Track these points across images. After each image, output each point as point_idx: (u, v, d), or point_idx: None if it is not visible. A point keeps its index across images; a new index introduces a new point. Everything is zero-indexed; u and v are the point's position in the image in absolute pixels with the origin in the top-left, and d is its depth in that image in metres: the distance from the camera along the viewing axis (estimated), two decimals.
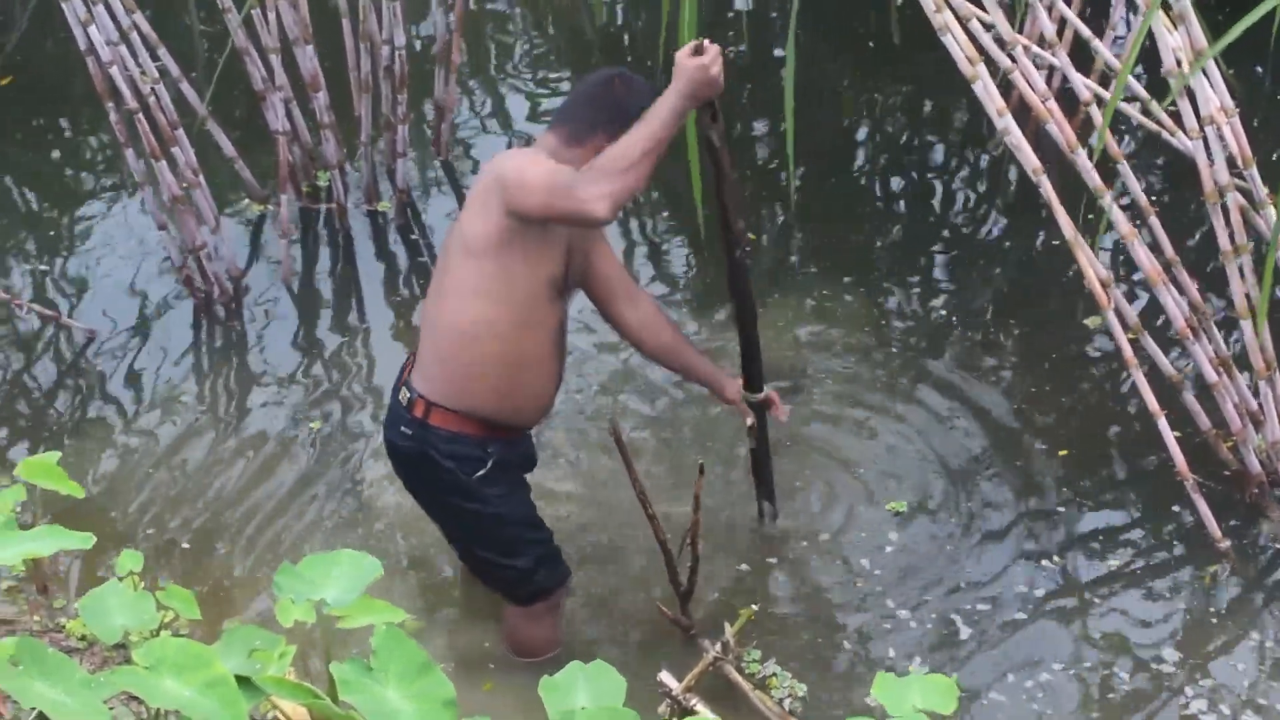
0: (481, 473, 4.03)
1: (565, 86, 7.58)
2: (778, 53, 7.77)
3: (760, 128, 7.13)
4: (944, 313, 5.83)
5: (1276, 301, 4.58)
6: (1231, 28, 3.52)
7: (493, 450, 4.04)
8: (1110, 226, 4.41)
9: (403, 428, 4.04)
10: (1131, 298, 5.40)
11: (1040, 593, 4.65)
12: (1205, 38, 4.16)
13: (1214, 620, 4.55)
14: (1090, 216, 5.04)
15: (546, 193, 3.73)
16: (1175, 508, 4.84)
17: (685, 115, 3.88)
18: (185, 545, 4.89)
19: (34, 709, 2.81)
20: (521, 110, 7.30)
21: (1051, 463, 5.11)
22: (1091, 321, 5.60)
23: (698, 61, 3.77)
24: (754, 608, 4.03)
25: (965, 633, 4.54)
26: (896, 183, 6.83)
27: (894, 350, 5.64)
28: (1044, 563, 4.75)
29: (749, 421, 4.51)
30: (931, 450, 5.17)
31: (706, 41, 3.81)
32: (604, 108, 3.94)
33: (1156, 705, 4.32)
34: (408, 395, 4.03)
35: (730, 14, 7.95)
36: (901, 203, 6.68)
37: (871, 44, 7.73)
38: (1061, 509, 4.93)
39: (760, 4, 7.99)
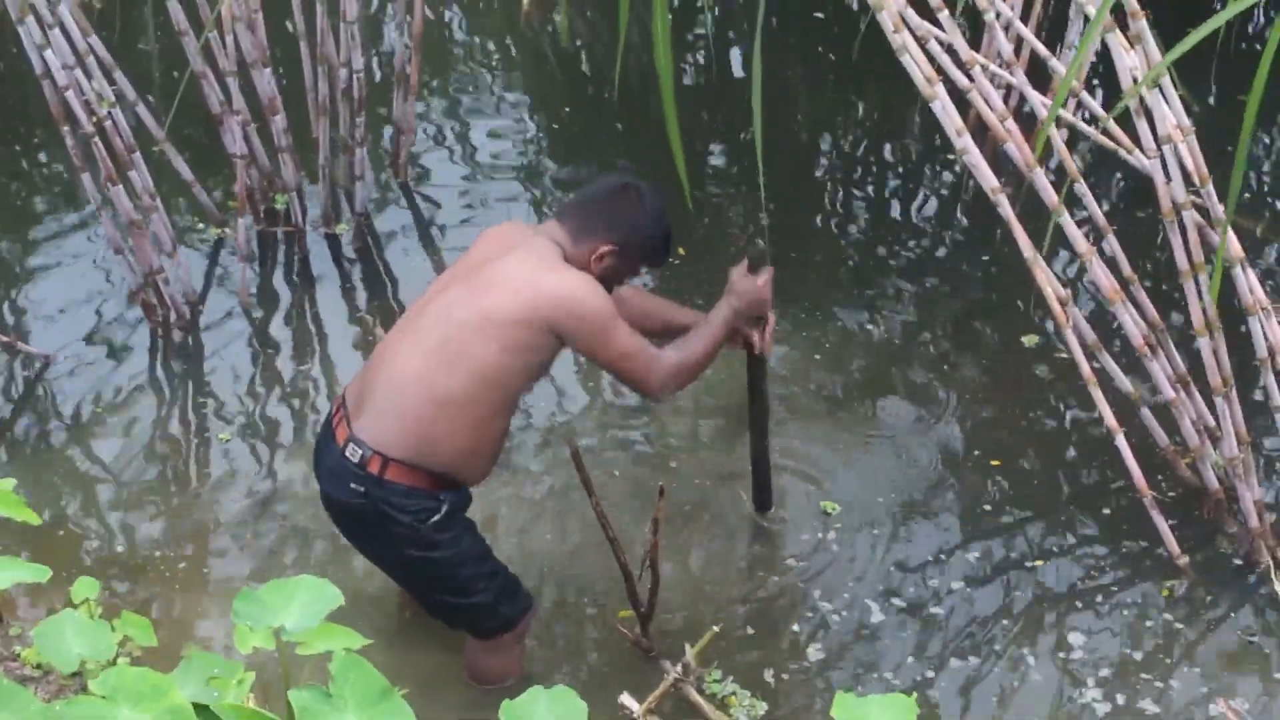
0: (436, 518, 3.98)
1: (524, 105, 7.59)
2: (738, 73, 7.80)
3: (718, 149, 7.14)
4: (903, 330, 5.86)
5: (1232, 318, 4.61)
6: (1181, 44, 3.54)
7: (444, 498, 4.00)
8: (1062, 240, 4.43)
9: (352, 484, 3.94)
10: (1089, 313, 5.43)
11: (1005, 611, 4.67)
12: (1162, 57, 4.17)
13: (1173, 635, 4.58)
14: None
15: (622, 357, 3.99)
16: (1134, 524, 4.86)
17: (736, 324, 4.29)
18: (143, 572, 4.85)
19: None
20: (480, 132, 7.29)
21: (1010, 480, 5.13)
22: (1028, 340, 5.64)
23: (751, 281, 4.25)
24: (716, 628, 4.02)
25: (927, 650, 4.55)
26: (857, 202, 6.86)
27: (853, 368, 5.65)
28: (1004, 580, 4.77)
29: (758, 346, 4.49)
30: (893, 469, 5.18)
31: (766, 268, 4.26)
32: (613, 216, 4.05)
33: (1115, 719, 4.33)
34: (359, 452, 3.93)
35: (691, 36, 7.97)
36: (861, 221, 6.70)
37: (832, 64, 7.77)
38: (1021, 526, 4.96)
39: (723, 25, 8.01)
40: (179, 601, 4.74)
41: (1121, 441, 4.59)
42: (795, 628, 4.64)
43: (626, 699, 3.91)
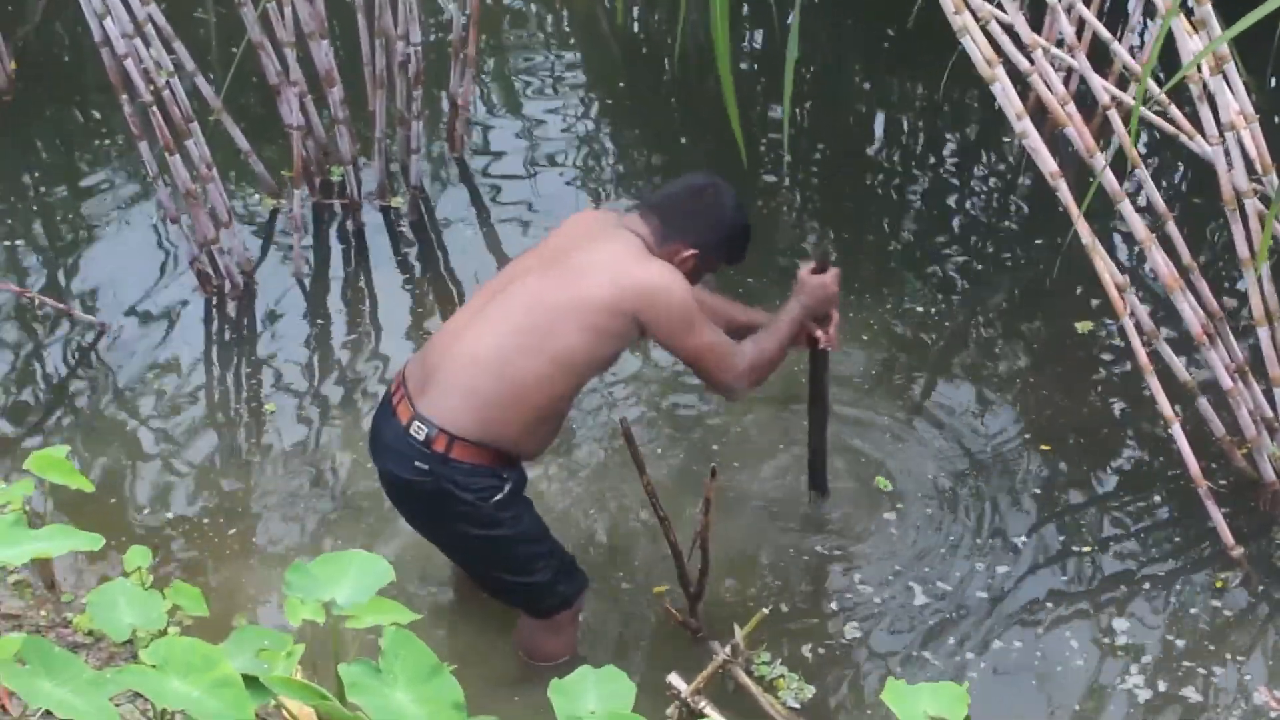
0: (499, 497, 4.00)
1: (580, 82, 7.57)
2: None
3: (778, 122, 7.11)
4: (960, 315, 5.83)
5: None
6: (1247, 31, 3.50)
7: (508, 476, 4.03)
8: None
9: (417, 462, 3.95)
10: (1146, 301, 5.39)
11: (1052, 597, 4.64)
12: (1226, 42, 4.13)
13: (1226, 627, 4.54)
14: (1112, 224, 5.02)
15: (703, 350, 4.05)
16: (1189, 514, 4.82)
17: (805, 323, 4.34)
18: (194, 541, 4.87)
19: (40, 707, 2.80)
20: (537, 107, 7.29)
21: (1065, 468, 5.10)
22: (1081, 326, 5.61)
23: (820, 279, 4.30)
24: (765, 610, 4.01)
25: (977, 636, 4.53)
26: (912, 183, 6.81)
27: (908, 352, 5.63)
28: (1056, 568, 4.74)
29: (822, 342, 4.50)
30: (947, 454, 5.16)
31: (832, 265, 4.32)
32: (694, 217, 4.09)
33: (1165, 710, 4.31)
34: (425, 430, 3.94)
35: (746, 16, 7.93)
36: (917, 203, 6.66)
37: (889, 44, 7.73)
38: (1075, 515, 4.92)
39: (782, 5, 7.98)
40: (230, 572, 4.76)
41: (1177, 430, 4.56)
42: (844, 610, 4.63)
43: (674, 679, 3.91)
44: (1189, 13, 4.15)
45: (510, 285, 4.04)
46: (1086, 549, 4.80)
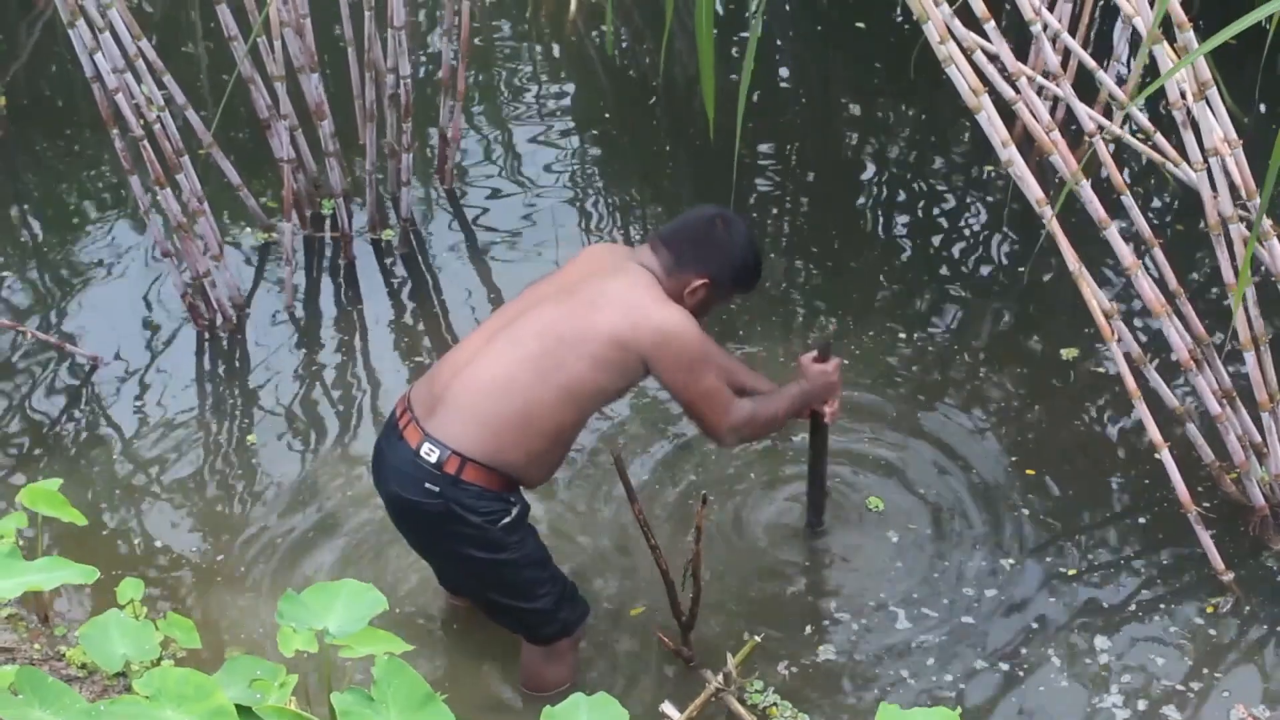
0: (506, 520, 4.02)
1: (569, 112, 7.60)
2: (784, 73, 7.81)
3: (766, 150, 7.14)
4: (946, 343, 5.85)
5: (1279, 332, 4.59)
6: (1235, 63, 3.53)
7: (514, 500, 4.06)
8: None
9: (427, 484, 3.96)
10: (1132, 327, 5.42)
11: (1043, 622, 4.65)
12: (1210, 69, 4.16)
13: (1218, 652, 4.55)
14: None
15: (704, 396, 4.09)
16: (1177, 539, 4.84)
17: (804, 406, 4.47)
18: (187, 572, 4.88)
19: None
20: (527, 138, 7.32)
21: (1053, 492, 5.11)
22: (1067, 353, 5.64)
23: (821, 368, 4.44)
24: (757, 638, 4.01)
25: (968, 661, 4.54)
26: (900, 212, 6.84)
27: (897, 381, 5.64)
28: (1050, 596, 4.75)
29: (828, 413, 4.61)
30: (938, 484, 5.17)
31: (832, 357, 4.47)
32: (705, 248, 4.14)
33: None
34: (436, 452, 3.96)
35: (734, 49, 7.97)
36: (904, 231, 6.68)
37: (878, 74, 7.77)
38: (1064, 539, 4.93)
39: (768, 33, 8.02)
40: (222, 603, 4.77)
41: (1166, 456, 4.57)
42: (835, 637, 4.64)
43: (667, 708, 3.91)
44: (1171, 40, 4.18)
45: (524, 314, 4.08)
46: (1079, 576, 4.80)
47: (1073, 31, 6.13)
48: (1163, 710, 4.37)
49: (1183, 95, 4.19)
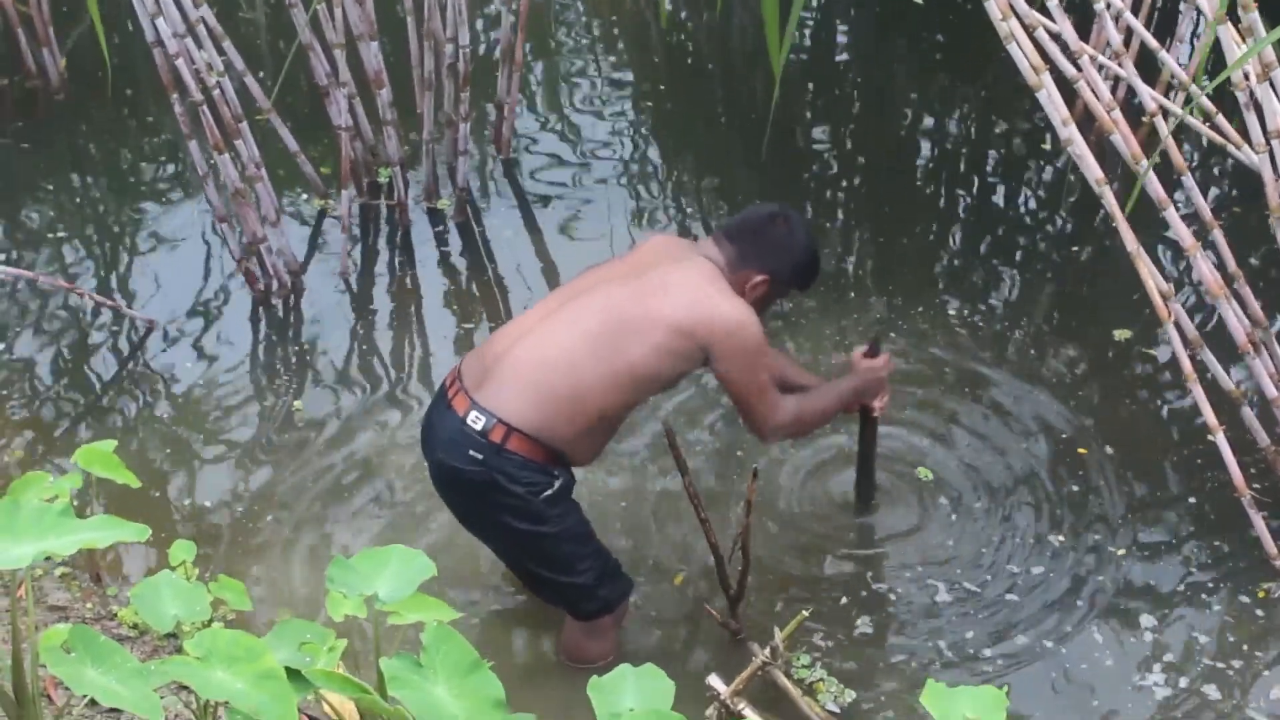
0: (549, 493, 4.03)
1: (628, 83, 7.59)
2: (841, 57, 7.78)
3: (820, 134, 7.13)
4: (1000, 320, 5.83)
5: None
6: None
7: (558, 474, 4.06)
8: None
9: (471, 451, 3.98)
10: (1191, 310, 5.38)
11: (1093, 604, 4.63)
12: (1275, 50, 4.12)
13: (1265, 635, 4.52)
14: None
15: (756, 390, 4.12)
16: (1229, 522, 4.80)
17: (854, 402, 4.52)
18: (238, 536, 4.91)
19: (85, 695, 2.83)
20: (583, 110, 7.32)
21: (1108, 475, 5.08)
22: (1120, 334, 5.60)
23: (871, 364, 4.49)
24: (805, 612, 4.01)
25: (1016, 641, 4.52)
26: (957, 190, 6.81)
27: (952, 359, 5.62)
28: (1098, 574, 4.73)
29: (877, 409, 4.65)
30: (989, 460, 5.15)
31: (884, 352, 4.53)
32: (766, 245, 4.17)
33: (1201, 717, 4.29)
34: (482, 420, 3.97)
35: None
36: (960, 209, 6.66)
37: (938, 54, 7.73)
38: (1117, 522, 4.91)
39: (827, 10, 7.99)
40: (273, 567, 4.80)
41: (1221, 439, 4.54)
42: (882, 613, 4.63)
43: (714, 680, 3.92)
44: (1236, 21, 4.14)
45: (586, 292, 4.09)
46: (1130, 558, 4.78)
47: (1135, 10, 6.08)
48: (1203, 689, 4.34)
49: (1246, 77, 4.15)
